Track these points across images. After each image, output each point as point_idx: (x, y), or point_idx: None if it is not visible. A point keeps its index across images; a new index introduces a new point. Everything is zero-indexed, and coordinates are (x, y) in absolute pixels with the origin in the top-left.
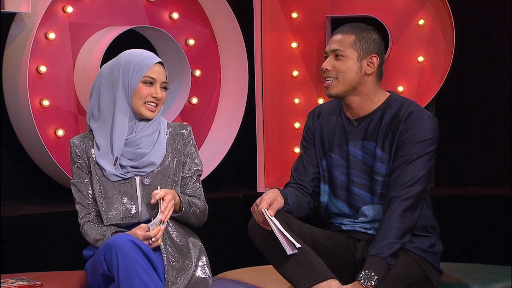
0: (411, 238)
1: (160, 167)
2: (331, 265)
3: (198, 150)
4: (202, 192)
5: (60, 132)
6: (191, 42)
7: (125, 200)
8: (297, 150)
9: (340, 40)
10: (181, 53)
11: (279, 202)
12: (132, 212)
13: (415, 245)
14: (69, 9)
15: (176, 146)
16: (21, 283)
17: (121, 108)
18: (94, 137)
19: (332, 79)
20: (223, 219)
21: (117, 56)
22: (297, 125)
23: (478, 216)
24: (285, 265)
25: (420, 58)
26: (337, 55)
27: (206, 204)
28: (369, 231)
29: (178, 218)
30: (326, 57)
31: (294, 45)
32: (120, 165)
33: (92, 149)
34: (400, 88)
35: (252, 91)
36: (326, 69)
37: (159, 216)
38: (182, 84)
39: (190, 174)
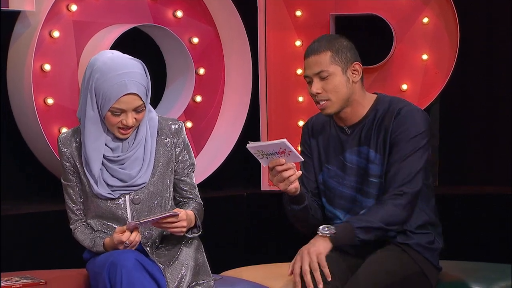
0: (410, 234)
1: (150, 183)
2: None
3: (202, 148)
4: (196, 187)
5: (64, 130)
6: (195, 40)
7: (113, 221)
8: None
9: (318, 60)
10: (185, 51)
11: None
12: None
13: (413, 241)
14: (73, 8)
15: (166, 149)
16: (25, 281)
17: (96, 129)
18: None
19: (324, 101)
20: (227, 217)
21: (93, 67)
22: (301, 123)
23: (480, 215)
24: None
25: (424, 56)
26: (322, 77)
27: (201, 201)
28: None
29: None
30: (309, 82)
31: (298, 43)
32: (106, 183)
33: (80, 156)
34: (404, 87)
35: (256, 89)
36: (317, 93)
37: (152, 217)
38: (186, 82)
39: (183, 171)
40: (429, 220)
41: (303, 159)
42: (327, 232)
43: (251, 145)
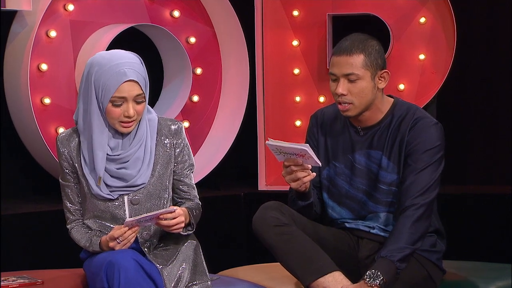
0: None
1: (149, 184)
2: (334, 262)
3: (199, 148)
4: (195, 187)
5: (61, 130)
6: (192, 40)
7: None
8: None
9: (350, 62)
10: (182, 51)
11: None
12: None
13: None
14: (70, 7)
15: (166, 150)
16: (22, 281)
17: (99, 125)
18: (80, 141)
19: (347, 103)
20: (225, 217)
21: (92, 62)
22: (298, 123)
23: (480, 214)
24: (290, 259)
25: (421, 56)
26: (350, 79)
27: (199, 201)
28: (372, 231)
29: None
30: (334, 80)
31: (295, 43)
32: (105, 183)
33: (79, 156)
34: (401, 86)
35: (253, 89)
36: (342, 94)
37: (149, 214)
38: (183, 82)
39: (182, 172)
40: (432, 224)
41: (321, 165)
42: (377, 281)
43: (270, 143)
